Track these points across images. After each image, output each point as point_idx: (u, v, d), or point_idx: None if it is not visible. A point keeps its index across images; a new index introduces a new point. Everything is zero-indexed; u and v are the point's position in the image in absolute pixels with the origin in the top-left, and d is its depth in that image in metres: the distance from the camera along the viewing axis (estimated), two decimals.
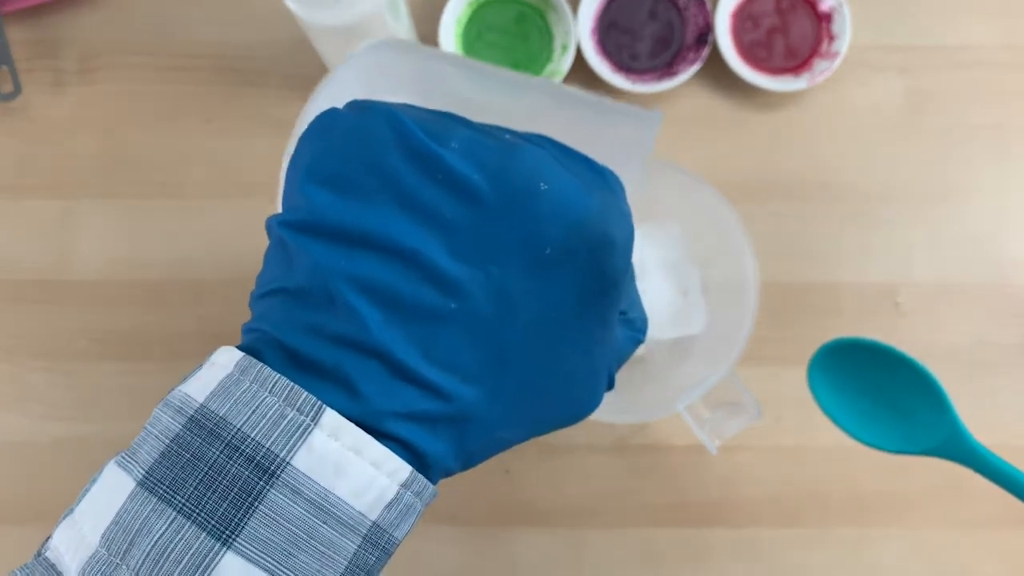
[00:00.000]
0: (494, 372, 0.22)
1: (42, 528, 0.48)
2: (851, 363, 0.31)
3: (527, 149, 0.21)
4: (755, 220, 0.49)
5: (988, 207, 0.49)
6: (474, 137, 0.21)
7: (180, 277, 0.49)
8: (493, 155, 0.21)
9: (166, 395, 0.22)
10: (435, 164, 0.21)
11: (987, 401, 0.48)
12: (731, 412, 0.41)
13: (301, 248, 0.21)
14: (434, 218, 0.21)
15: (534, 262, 0.21)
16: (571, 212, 0.21)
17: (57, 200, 0.50)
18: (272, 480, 0.19)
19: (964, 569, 0.47)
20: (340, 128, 0.22)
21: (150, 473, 0.20)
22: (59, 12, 0.51)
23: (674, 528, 0.47)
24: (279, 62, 0.50)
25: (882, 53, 0.50)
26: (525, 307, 0.21)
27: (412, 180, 0.21)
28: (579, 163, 0.23)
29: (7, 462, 0.48)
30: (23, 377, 0.49)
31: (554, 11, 0.49)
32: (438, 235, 0.21)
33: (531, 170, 0.21)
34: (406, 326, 0.21)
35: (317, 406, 0.20)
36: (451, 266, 0.21)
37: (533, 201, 0.21)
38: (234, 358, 0.21)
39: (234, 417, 0.20)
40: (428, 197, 0.21)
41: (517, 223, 0.21)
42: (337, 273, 0.21)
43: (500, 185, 0.21)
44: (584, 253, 0.22)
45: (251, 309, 0.23)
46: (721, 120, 0.50)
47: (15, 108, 0.50)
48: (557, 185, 0.21)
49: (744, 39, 0.50)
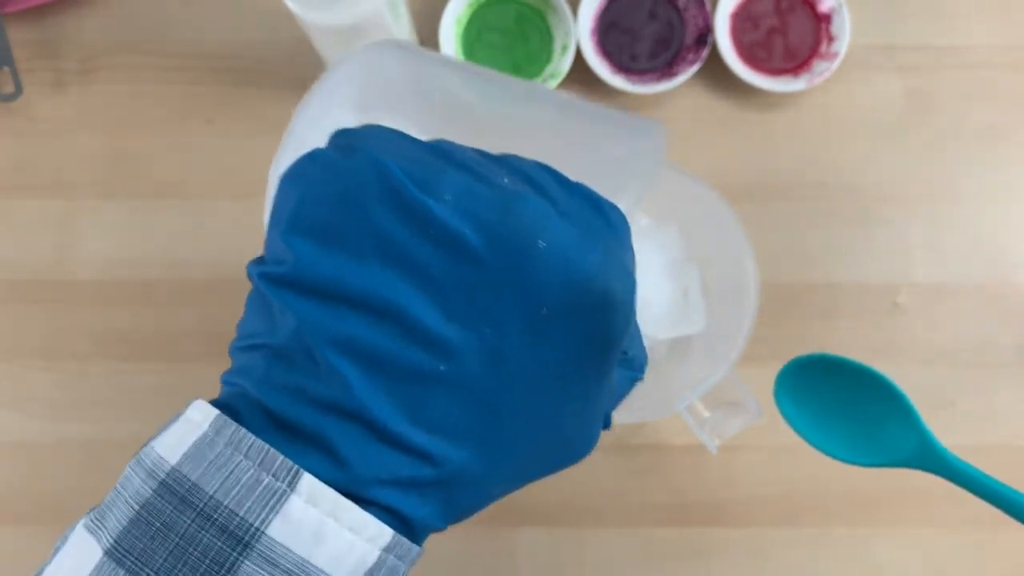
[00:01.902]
0: (486, 433, 0.21)
1: (42, 528, 0.48)
2: (817, 378, 0.31)
3: (525, 201, 0.20)
4: (755, 220, 0.49)
5: (988, 207, 0.49)
6: (468, 187, 0.20)
7: (180, 277, 0.49)
8: (489, 208, 0.20)
9: (139, 450, 0.21)
10: (425, 218, 0.19)
11: (987, 401, 0.48)
12: (731, 412, 0.41)
13: (284, 305, 0.20)
14: (424, 276, 0.20)
15: (530, 323, 0.20)
16: (570, 272, 0.20)
17: (58, 200, 0.50)
18: (246, 551, 0.18)
19: (964, 569, 0.47)
20: (325, 174, 0.20)
21: (118, 542, 0.19)
22: (60, 13, 0.51)
23: (674, 528, 0.47)
24: (280, 62, 0.50)
25: (882, 54, 0.50)
26: (520, 368, 0.20)
27: (401, 235, 0.19)
28: (581, 200, 0.22)
29: (7, 462, 0.48)
30: (23, 377, 0.49)
31: (554, 12, 0.49)
32: (428, 294, 0.20)
33: (529, 226, 0.20)
34: (392, 388, 0.20)
35: (294, 471, 0.19)
36: (441, 327, 0.20)
37: (530, 260, 0.20)
38: (209, 416, 0.20)
39: (207, 483, 0.19)
40: (418, 254, 0.19)
41: (513, 283, 0.20)
42: (320, 333, 0.19)
43: (496, 243, 0.19)
44: (584, 313, 0.20)
45: (231, 357, 0.22)
46: (721, 121, 0.50)
47: (16, 108, 0.50)
48: (556, 242, 0.20)
49: (744, 40, 0.50)
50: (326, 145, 0.22)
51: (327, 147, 0.22)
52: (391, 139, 0.21)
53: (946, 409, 0.48)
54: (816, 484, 0.47)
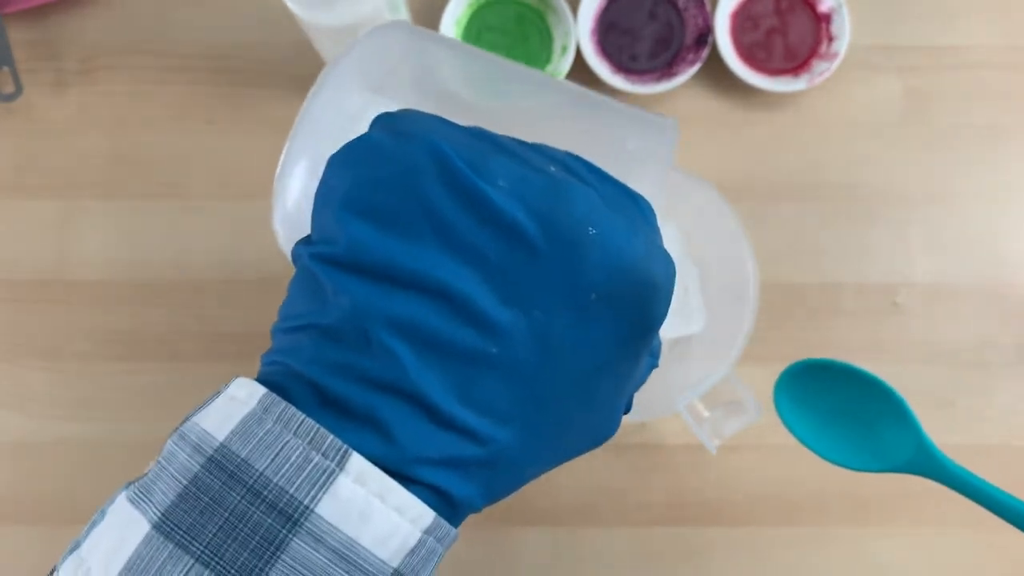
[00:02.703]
0: (530, 414, 0.21)
1: (42, 528, 0.48)
2: (816, 383, 0.32)
3: (576, 190, 0.21)
4: (755, 220, 0.49)
5: (987, 207, 0.49)
6: (522, 174, 0.20)
7: (180, 277, 0.49)
8: (542, 196, 0.20)
9: (180, 425, 0.21)
10: (482, 203, 0.20)
11: (987, 401, 0.48)
12: (731, 412, 0.41)
13: (337, 285, 0.20)
14: (479, 259, 0.20)
15: (578, 307, 0.20)
16: (619, 258, 0.20)
17: (58, 200, 0.50)
18: (295, 528, 0.19)
19: (964, 569, 0.47)
20: (380, 157, 0.21)
21: (166, 516, 0.19)
22: (60, 13, 0.51)
23: (673, 527, 0.47)
24: (280, 63, 0.51)
25: (881, 54, 0.50)
26: (566, 351, 0.21)
27: (458, 219, 0.20)
28: (615, 190, 0.22)
29: (7, 462, 0.48)
30: (23, 377, 0.49)
31: (554, 12, 0.49)
32: (482, 277, 0.20)
33: (580, 213, 0.20)
34: (444, 369, 0.20)
35: (343, 450, 0.19)
36: (494, 309, 0.20)
37: (582, 247, 0.20)
38: (255, 393, 0.20)
39: (256, 460, 0.19)
40: (474, 237, 0.20)
41: (564, 268, 0.20)
42: (375, 313, 0.20)
43: (549, 229, 0.20)
44: (629, 299, 0.21)
45: (272, 338, 0.23)
46: (720, 121, 0.50)
47: (16, 108, 0.50)
48: (605, 229, 0.20)
49: (743, 40, 0.50)
50: (370, 129, 0.22)
51: (375, 131, 0.22)
52: (437, 124, 0.22)
53: (946, 409, 0.48)
54: (816, 484, 0.47)
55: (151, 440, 0.49)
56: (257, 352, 0.53)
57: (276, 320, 0.23)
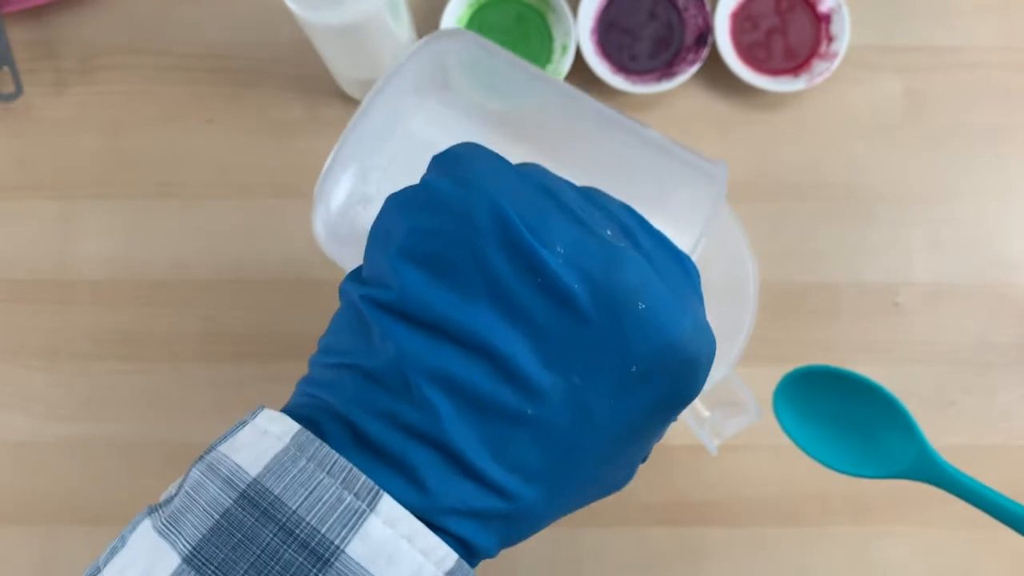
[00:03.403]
0: (557, 474, 0.21)
1: (41, 528, 0.48)
2: (816, 390, 0.32)
3: (628, 261, 0.21)
4: (755, 220, 0.49)
5: (987, 207, 0.49)
6: (579, 240, 0.21)
7: (180, 277, 0.49)
8: (596, 265, 0.20)
9: (204, 454, 0.21)
10: (538, 268, 0.20)
11: (987, 401, 0.48)
12: (731, 412, 0.41)
13: (385, 331, 0.20)
14: (527, 321, 0.20)
15: (618, 378, 0.21)
16: (664, 337, 0.21)
17: (58, 200, 0.50)
18: (325, 568, 0.19)
19: (964, 569, 0.47)
20: (440, 207, 0.21)
21: (198, 550, 0.19)
22: (60, 13, 0.51)
23: (673, 527, 0.47)
24: (280, 62, 0.51)
25: (881, 54, 0.50)
26: (601, 417, 0.21)
27: (512, 280, 0.20)
28: (665, 252, 0.23)
29: (7, 462, 0.48)
30: (23, 377, 0.49)
31: (553, 12, 0.49)
32: (528, 339, 0.20)
33: (631, 287, 0.20)
34: (480, 425, 0.20)
35: (375, 491, 0.19)
36: (536, 372, 0.20)
37: (630, 320, 0.20)
38: (289, 430, 0.20)
39: (290, 498, 0.19)
40: (525, 300, 0.20)
41: (609, 340, 0.20)
42: (419, 364, 0.20)
43: (600, 300, 0.20)
44: (669, 374, 0.21)
45: (311, 369, 0.23)
46: (720, 121, 0.50)
47: (16, 108, 0.50)
48: (654, 304, 0.21)
49: (743, 40, 0.50)
50: (429, 171, 0.23)
51: (434, 174, 0.22)
52: (498, 172, 0.22)
53: (946, 409, 0.48)
54: (816, 484, 0.47)
55: (151, 440, 0.49)
56: (257, 352, 0.54)
57: (315, 352, 0.23)
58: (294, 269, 0.49)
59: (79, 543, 0.48)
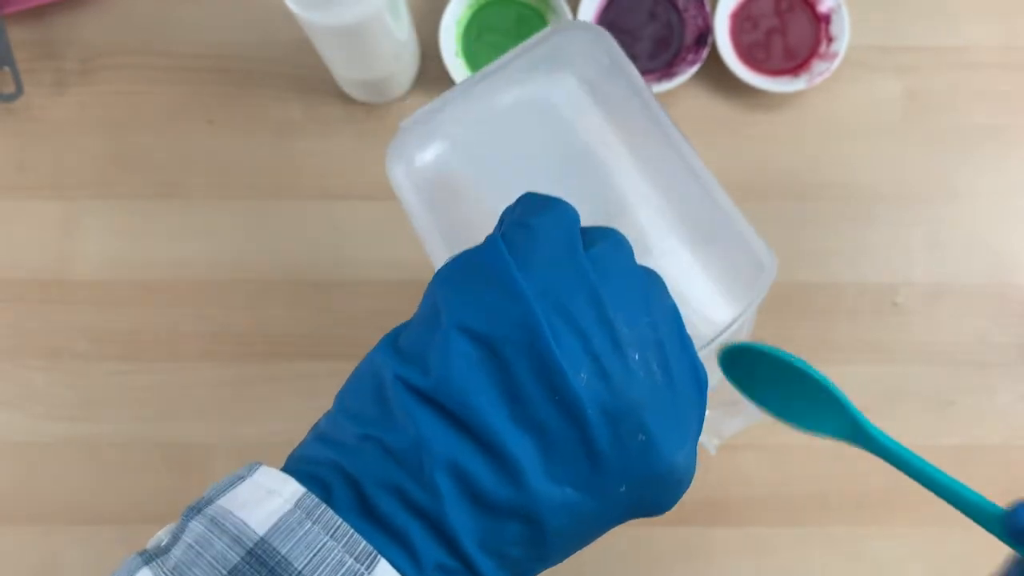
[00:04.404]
0: (534, 565, 0.23)
1: (42, 528, 0.48)
2: (756, 364, 0.32)
3: (642, 395, 0.23)
4: (755, 220, 0.49)
5: (987, 207, 0.50)
6: (604, 367, 0.22)
7: (180, 277, 0.49)
8: (613, 396, 0.22)
9: (202, 506, 0.22)
10: (559, 389, 0.22)
11: (986, 401, 0.48)
12: (731, 412, 0.41)
13: (410, 414, 0.22)
14: (540, 431, 0.22)
15: (609, 493, 0.23)
16: (656, 468, 0.23)
17: (58, 200, 0.50)
18: None
19: (963, 569, 0.47)
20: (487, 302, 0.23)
21: None
22: (61, 13, 0.51)
23: (673, 527, 0.47)
24: (280, 63, 0.51)
25: (881, 54, 0.50)
26: (586, 520, 0.23)
27: (534, 392, 0.22)
28: (685, 366, 0.25)
29: (8, 462, 0.48)
30: (24, 377, 0.49)
31: (553, 12, 0.49)
32: (538, 448, 0.22)
33: (638, 421, 0.22)
34: (477, 515, 0.22)
35: (373, 556, 0.21)
36: (538, 480, 0.22)
37: (629, 450, 0.22)
38: (296, 493, 0.22)
39: (296, 558, 0.20)
40: (542, 413, 0.22)
41: (609, 462, 0.22)
42: (437, 453, 0.22)
43: (607, 426, 0.22)
44: (655, 492, 0.24)
45: (327, 424, 0.24)
46: (720, 121, 0.50)
47: (17, 109, 0.50)
48: (654, 439, 0.23)
49: (743, 40, 0.50)
50: (498, 225, 0.25)
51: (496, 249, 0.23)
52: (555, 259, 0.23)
53: (946, 409, 0.48)
54: (816, 484, 0.47)
55: (151, 440, 0.49)
56: (256, 353, 0.54)
57: (331, 409, 0.25)
58: (294, 269, 0.49)
59: (79, 543, 0.48)
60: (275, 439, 0.49)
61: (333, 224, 0.50)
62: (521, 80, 0.31)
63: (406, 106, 0.50)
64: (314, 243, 0.50)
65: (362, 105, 0.50)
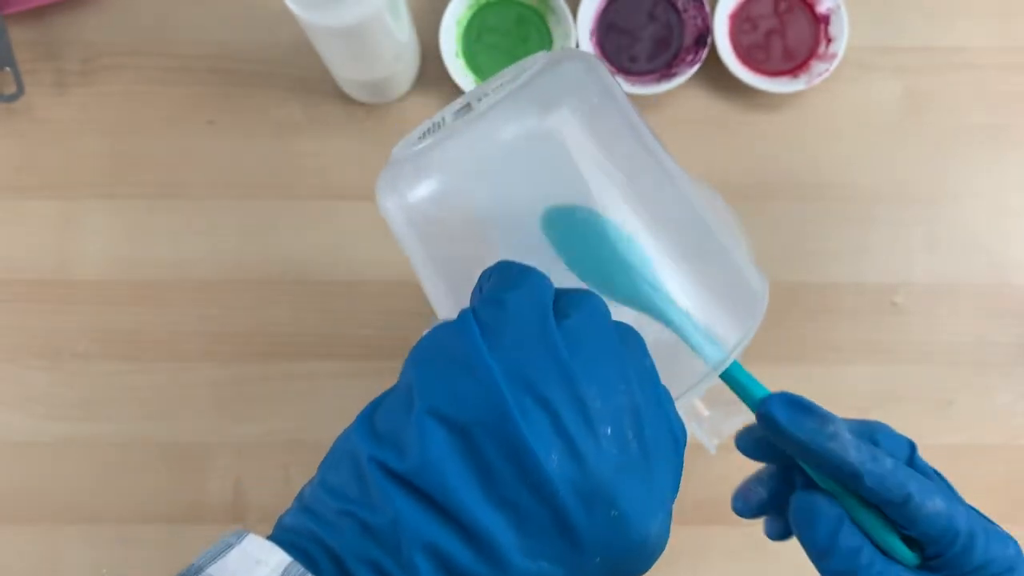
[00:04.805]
0: None
1: (42, 528, 0.48)
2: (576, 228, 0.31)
3: (612, 470, 0.23)
4: (754, 220, 0.49)
5: (986, 207, 0.50)
6: (575, 449, 0.23)
7: (181, 277, 0.49)
8: (583, 477, 0.23)
9: (190, 573, 0.22)
10: (530, 472, 0.22)
11: (986, 401, 0.48)
12: (730, 411, 0.41)
13: (387, 498, 0.22)
14: (513, 509, 0.23)
15: (583, 564, 0.23)
16: (629, 540, 0.23)
17: (59, 200, 0.50)
18: None
19: None
20: (460, 387, 0.23)
21: None
22: (62, 13, 0.51)
23: (673, 527, 0.47)
24: (280, 64, 0.51)
25: (880, 55, 0.50)
26: None
27: (505, 473, 0.22)
28: (662, 429, 0.25)
29: (8, 461, 0.48)
30: (25, 376, 0.49)
31: (553, 13, 0.49)
32: (512, 526, 0.23)
33: (610, 497, 0.23)
34: None
35: None
36: (514, 556, 0.22)
37: (601, 525, 0.23)
38: (281, 563, 0.22)
39: None
40: (514, 493, 0.22)
41: (582, 537, 0.23)
42: (413, 535, 0.22)
43: (580, 505, 0.23)
44: (627, 561, 0.24)
45: (309, 496, 0.25)
46: (719, 121, 0.50)
47: (18, 109, 0.50)
48: (627, 513, 0.23)
49: (742, 41, 0.50)
50: (475, 291, 0.26)
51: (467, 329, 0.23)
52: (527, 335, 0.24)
53: (945, 408, 0.48)
54: None
55: (151, 440, 0.49)
56: (257, 352, 0.54)
57: (315, 479, 0.25)
58: (294, 269, 0.49)
59: (79, 542, 0.48)
60: (275, 439, 0.49)
61: (333, 224, 0.50)
62: (516, 116, 0.30)
63: (406, 106, 0.51)
64: (314, 243, 0.50)
65: (362, 105, 0.50)
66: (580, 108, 0.30)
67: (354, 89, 0.49)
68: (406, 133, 0.50)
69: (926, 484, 0.29)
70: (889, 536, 0.30)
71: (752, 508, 0.35)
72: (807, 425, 0.29)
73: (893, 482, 0.29)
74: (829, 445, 0.29)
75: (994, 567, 0.30)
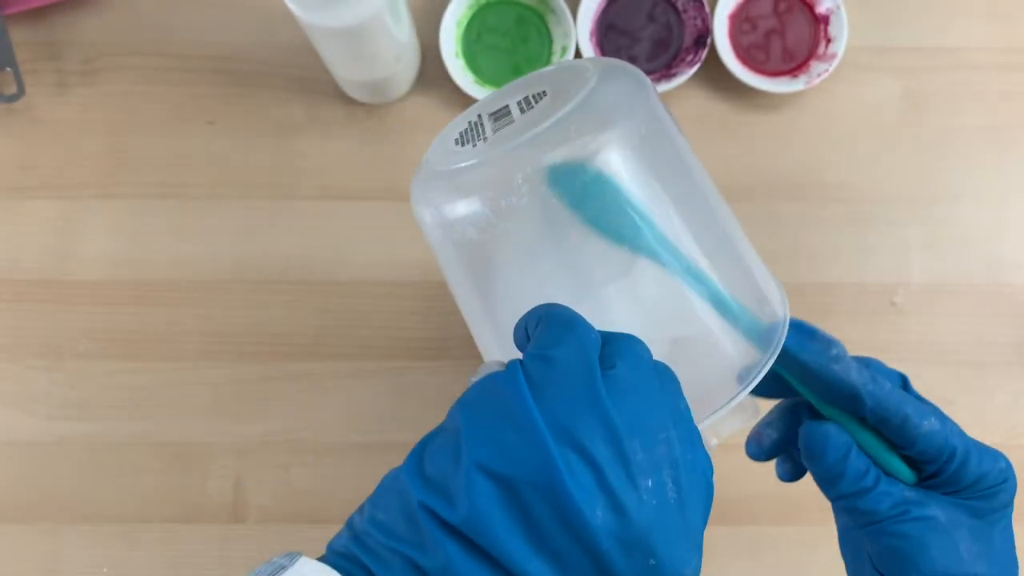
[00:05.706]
0: None
1: (42, 528, 0.48)
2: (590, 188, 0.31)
3: (653, 525, 0.24)
4: (754, 220, 0.49)
5: (985, 208, 0.50)
6: (620, 503, 0.23)
7: (180, 277, 0.49)
8: (626, 529, 0.24)
9: None
10: (575, 527, 0.23)
11: (985, 401, 0.48)
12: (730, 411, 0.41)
13: (438, 545, 0.24)
14: (558, 560, 0.23)
15: None
16: None
17: (59, 200, 0.50)
18: None
19: None
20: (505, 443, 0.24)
21: None
22: (62, 14, 0.51)
23: None
24: (281, 64, 0.51)
25: (879, 55, 0.51)
26: None
27: (551, 527, 0.23)
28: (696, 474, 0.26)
29: (9, 461, 0.48)
30: (25, 376, 0.49)
31: (553, 13, 0.49)
32: (556, 574, 0.24)
33: (649, 547, 0.24)
34: None
35: None
36: None
37: (641, 572, 0.24)
38: None
39: None
40: (560, 545, 0.23)
41: None
42: None
43: (623, 554, 0.24)
44: None
45: (359, 528, 0.25)
46: (719, 122, 0.50)
47: (18, 109, 0.50)
48: (664, 563, 0.24)
49: (742, 41, 0.50)
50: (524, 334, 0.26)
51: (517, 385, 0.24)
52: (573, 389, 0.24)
53: (945, 409, 0.48)
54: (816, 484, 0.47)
55: (151, 440, 0.49)
56: (257, 352, 0.54)
57: (364, 511, 0.26)
58: (294, 269, 0.50)
59: (80, 542, 0.48)
60: (275, 439, 0.49)
61: (333, 224, 0.50)
62: (563, 142, 0.29)
63: (406, 106, 0.51)
64: (314, 243, 0.50)
65: (363, 105, 0.51)
66: (631, 137, 0.30)
67: (354, 89, 0.49)
68: (406, 133, 0.51)
69: (921, 406, 0.31)
70: (890, 456, 0.31)
71: (765, 450, 0.36)
72: (812, 347, 0.30)
73: (891, 403, 0.30)
74: (833, 367, 0.30)
75: (988, 479, 0.31)
